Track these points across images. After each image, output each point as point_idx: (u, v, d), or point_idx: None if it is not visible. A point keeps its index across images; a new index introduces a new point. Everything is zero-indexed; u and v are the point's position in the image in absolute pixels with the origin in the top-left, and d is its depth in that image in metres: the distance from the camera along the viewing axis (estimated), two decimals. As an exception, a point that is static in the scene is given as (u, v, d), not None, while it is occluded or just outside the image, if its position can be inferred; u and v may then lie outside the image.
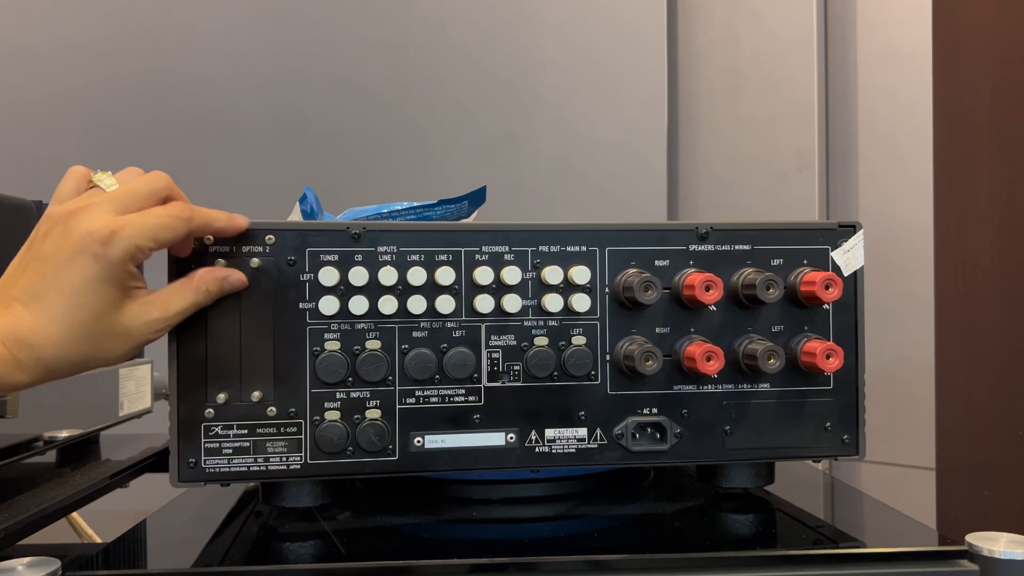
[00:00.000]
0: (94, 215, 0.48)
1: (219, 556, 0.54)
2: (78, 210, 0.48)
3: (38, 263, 0.48)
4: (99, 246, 0.47)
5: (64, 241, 0.47)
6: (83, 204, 0.49)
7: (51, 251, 0.47)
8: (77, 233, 0.47)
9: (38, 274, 0.47)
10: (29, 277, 0.48)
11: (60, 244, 0.47)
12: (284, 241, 0.55)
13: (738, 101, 1.46)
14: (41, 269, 0.47)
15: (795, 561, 0.52)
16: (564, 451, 0.58)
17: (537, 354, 0.57)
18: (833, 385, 0.60)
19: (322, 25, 1.47)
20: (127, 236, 0.47)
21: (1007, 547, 0.51)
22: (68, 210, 0.48)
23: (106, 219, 0.48)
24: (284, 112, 1.45)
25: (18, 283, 0.48)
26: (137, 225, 0.48)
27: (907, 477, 1.25)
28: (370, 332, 0.56)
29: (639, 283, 0.56)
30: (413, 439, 0.57)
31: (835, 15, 1.38)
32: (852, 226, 0.61)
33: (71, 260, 0.47)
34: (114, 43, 1.43)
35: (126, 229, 0.48)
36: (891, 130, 1.32)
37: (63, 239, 0.47)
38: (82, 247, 0.47)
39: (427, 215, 0.73)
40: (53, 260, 0.47)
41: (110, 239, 0.47)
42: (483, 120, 1.46)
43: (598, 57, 1.47)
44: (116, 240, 0.47)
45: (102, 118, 1.43)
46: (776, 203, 1.40)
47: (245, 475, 0.55)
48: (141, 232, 0.48)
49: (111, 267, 0.47)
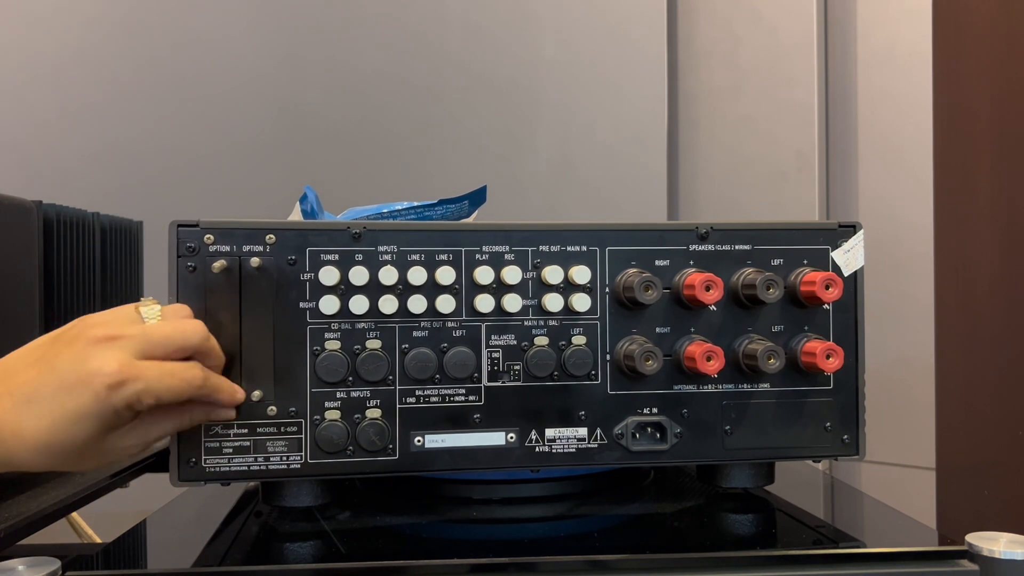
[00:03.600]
0: (114, 354, 0.47)
1: (219, 556, 0.54)
2: (106, 339, 0.47)
3: (46, 369, 0.47)
4: (104, 389, 0.46)
5: (77, 365, 0.47)
6: (115, 333, 0.48)
7: (62, 365, 0.47)
8: (91, 366, 0.46)
9: (40, 380, 0.47)
10: (32, 378, 0.47)
11: (72, 366, 0.47)
12: (284, 241, 0.55)
13: (738, 101, 1.46)
14: (45, 377, 0.47)
15: (795, 561, 0.52)
16: (564, 451, 0.58)
17: (537, 354, 0.57)
18: (833, 385, 0.60)
19: (323, 25, 1.47)
20: (134, 389, 0.47)
21: (1007, 547, 0.51)
22: (98, 335, 0.48)
23: (123, 362, 0.47)
24: (284, 112, 1.45)
25: (20, 376, 0.47)
26: (148, 380, 0.48)
27: (907, 477, 1.25)
28: (370, 332, 0.56)
29: (639, 283, 0.56)
30: (413, 439, 0.57)
31: (835, 15, 1.38)
32: (852, 226, 0.61)
33: (74, 388, 0.46)
34: (114, 42, 1.43)
35: (136, 382, 0.47)
36: (891, 130, 1.32)
37: (77, 363, 0.47)
38: (88, 381, 0.46)
39: (427, 215, 0.73)
40: (59, 377, 0.47)
41: (118, 386, 0.47)
42: (484, 120, 1.46)
43: (598, 57, 1.47)
44: (123, 389, 0.47)
45: (102, 118, 1.42)
46: (776, 203, 1.40)
47: (245, 474, 0.55)
48: (149, 388, 0.48)
49: (107, 409, 0.47)
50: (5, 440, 0.46)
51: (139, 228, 0.92)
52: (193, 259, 0.55)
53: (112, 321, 0.49)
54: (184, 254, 0.55)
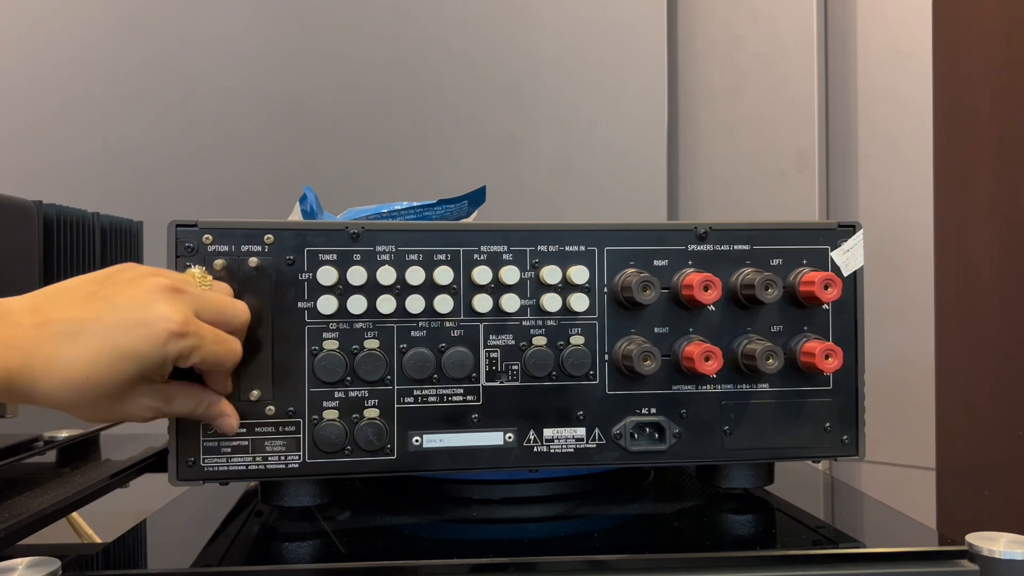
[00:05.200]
0: (179, 306, 0.47)
1: (219, 556, 0.54)
2: (172, 289, 0.48)
3: (103, 303, 0.46)
4: (165, 335, 0.46)
5: (141, 306, 0.46)
6: (180, 287, 0.48)
7: (123, 304, 0.46)
8: (158, 310, 0.46)
9: (94, 313, 0.46)
10: (83, 310, 0.46)
11: (135, 305, 0.46)
12: (283, 241, 0.55)
13: (738, 101, 1.45)
14: (100, 311, 0.46)
15: (795, 561, 0.52)
16: (562, 451, 0.58)
17: (535, 354, 0.57)
18: (832, 385, 0.60)
19: (323, 25, 1.47)
20: (190, 344, 0.47)
21: (1007, 547, 0.51)
22: (163, 284, 0.48)
23: (188, 316, 0.47)
24: (285, 112, 1.45)
25: (68, 310, 0.46)
26: (204, 339, 0.48)
27: (907, 477, 1.25)
28: (368, 331, 0.56)
29: (637, 283, 0.56)
30: (411, 438, 0.57)
31: (835, 15, 1.38)
32: (852, 226, 0.61)
33: (132, 328, 0.46)
34: (115, 42, 1.43)
35: (194, 338, 0.47)
36: (891, 130, 1.31)
37: (141, 305, 0.46)
38: (151, 323, 0.46)
39: (427, 215, 0.73)
40: (119, 314, 0.46)
41: (178, 336, 0.46)
42: (483, 120, 1.46)
43: (598, 57, 1.47)
44: (181, 341, 0.47)
45: (102, 117, 1.42)
46: (776, 203, 1.40)
47: (244, 474, 0.55)
48: (202, 346, 0.48)
49: (158, 357, 0.46)
50: (34, 369, 0.44)
51: (139, 228, 0.92)
52: (192, 259, 0.55)
53: (173, 275, 0.50)
54: (183, 254, 0.55)
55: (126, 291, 0.47)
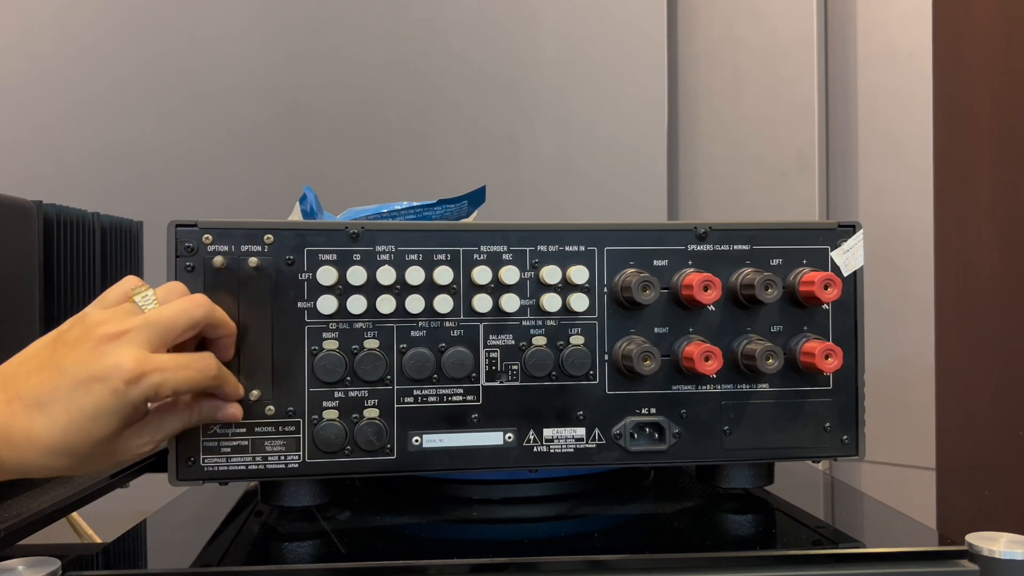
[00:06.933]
0: (127, 349, 0.47)
1: (219, 556, 0.54)
2: (115, 336, 0.47)
3: (55, 371, 0.46)
4: (123, 384, 0.46)
5: (89, 363, 0.46)
6: (121, 329, 0.47)
7: (73, 366, 0.46)
8: (105, 362, 0.46)
9: (52, 382, 0.46)
10: (42, 380, 0.46)
11: (84, 364, 0.46)
12: (282, 241, 0.55)
13: (738, 101, 1.45)
14: (57, 379, 0.46)
15: (795, 561, 0.52)
16: (562, 451, 0.58)
17: (535, 354, 0.57)
18: (832, 385, 0.60)
19: (323, 25, 1.47)
20: (153, 383, 0.47)
21: (1007, 547, 0.51)
22: (105, 332, 0.47)
23: (138, 357, 0.47)
24: (285, 112, 1.45)
25: (29, 381, 0.47)
26: (166, 372, 0.47)
27: (907, 477, 1.25)
28: (368, 331, 0.56)
29: (637, 283, 0.56)
30: (411, 438, 0.57)
31: (835, 15, 1.37)
32: (852, 226, 0.61)
33: (89, 385, 0.46)
34: (115, 42, 1.43)
35: (154, 375, 0.47)
36: (891, 130, 1.31)
37: (89, 360, 0.46)
38: (105, 377, 0.46)
39: (427, 215, 0.73)
40: (72, 376, 0.46)
41: (136, 380, 0.46)
42: (483, 119, 1.46)
43: (598, 57, 1.47)
44: (141, 383, 0.46)
45: (102, 117, 1.42)
46: (776, 203, 1.40)
47: (243, 474, 0.55)
48: (166, 382, 0.47)
49: (126, 404, 0.46)
50: (18, 445, 0.45)
51: (139, 228, 0.92)
52: (192, 259, 0.55)
53: (113, 317, 0.48)
54: (183, 254, 0.55)
55: (73, 351, 0.47)
